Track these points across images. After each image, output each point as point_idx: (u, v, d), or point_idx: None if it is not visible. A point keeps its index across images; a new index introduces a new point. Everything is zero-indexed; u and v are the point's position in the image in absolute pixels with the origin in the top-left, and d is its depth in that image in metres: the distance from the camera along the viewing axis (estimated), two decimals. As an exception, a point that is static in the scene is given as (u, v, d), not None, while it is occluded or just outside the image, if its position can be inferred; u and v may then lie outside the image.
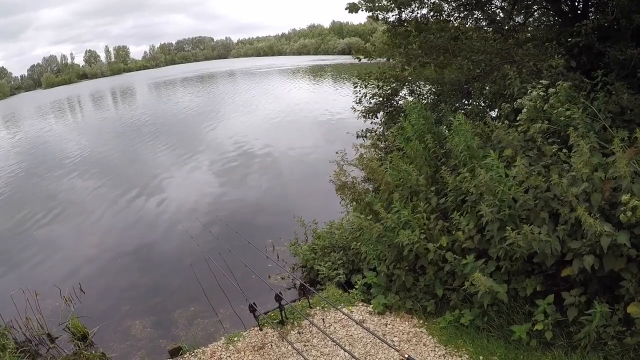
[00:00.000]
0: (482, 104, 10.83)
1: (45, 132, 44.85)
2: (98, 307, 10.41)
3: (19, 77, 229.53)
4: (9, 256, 14.12)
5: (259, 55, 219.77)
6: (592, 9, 10.99)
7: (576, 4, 11.28)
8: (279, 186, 17.96)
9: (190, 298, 10.20)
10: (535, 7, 13.01)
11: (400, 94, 13.12)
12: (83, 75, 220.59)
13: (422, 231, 6.87)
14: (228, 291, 9.82)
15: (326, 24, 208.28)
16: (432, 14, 12.92)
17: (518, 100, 7.70)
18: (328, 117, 31.66)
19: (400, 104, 12.55)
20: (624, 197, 4.98)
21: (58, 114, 65.98)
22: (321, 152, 21.42)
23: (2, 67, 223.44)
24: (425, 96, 12.27)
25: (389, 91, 12.99)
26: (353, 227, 9.33)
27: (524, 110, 7.32)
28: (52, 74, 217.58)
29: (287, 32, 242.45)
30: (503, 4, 13.31)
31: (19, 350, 8.04)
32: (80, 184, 22.09)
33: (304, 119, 32.41)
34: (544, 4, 12.46)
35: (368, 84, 13.41)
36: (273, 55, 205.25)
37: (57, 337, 9.27)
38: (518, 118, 7.51)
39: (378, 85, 13.19)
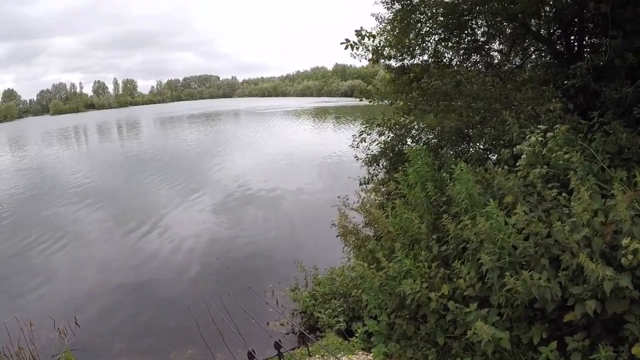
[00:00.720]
0: (482, 148, 10.86)
1: (51, 159, 45.61)
2: (92, 342, 10.28)
3: (28, 101, 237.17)
4: (5, 283, 14.08)
5: (263, 95, 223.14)
6: (587, 49, 11.19)
7: (571, 44, 11.50)
8: (280, 229, 17.87)
9: (187, 340, 10.05)
10: (531, 48, 13.31)
11: (402, 141, 13.18)
12: (90, 105, 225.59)
13: (424, 280, 6.81)
14: (226, 335, 9.65)
15: (329, 67, 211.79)
16: (432, 60, 13.14)
17: (517, 146, 7.71)
18: (330, 159, 31.95)
19: (402, 150, 12.61)
20: (625, 241, 4.96)
21: (64, 142, 67.24)
22: (323, 196, 21.54)
23: (13, 89, 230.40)
24: (426, 141, 12.32)
25: (391, 138, 13.04)
26: (354, 275, 9.26)
27: (523, 155, 7.33)
28: (60, 101, 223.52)
29: (291, 74, 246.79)
30: (501, 47, 13.56)
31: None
32: (82, 215, 22.15)
33: (306, 160, 32.65)
34: (540, 45, 12.73)
35: (371, 132, 13.48)
36: (277, 95, 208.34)
37: None
38: (517, 163, 7.51)
39: (381, 133, 13.26)
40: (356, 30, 12.39)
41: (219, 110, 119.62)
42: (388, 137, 13.10)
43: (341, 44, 12.08)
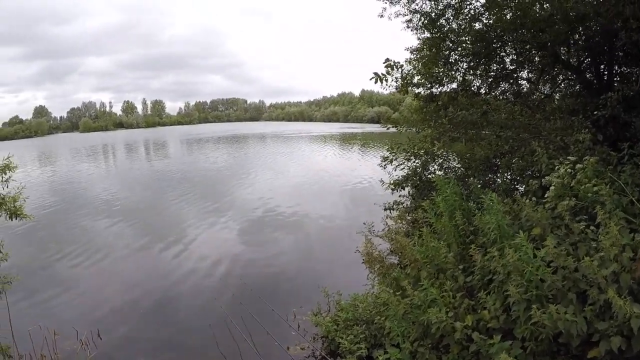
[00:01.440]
0: (509, 179, 10.79)
1: (82, 175, 47.34)
2: (114, 355, 10.53)
3: (58, 118, 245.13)
4: (32, 293, 14.33)
5: (289, 119, 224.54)
6: (617, 78, 11.11)
7: (601, 73, 11.45)
8: (304, 252, 17.90)
9: (208, 359, 10.07)
10: (560, 77, 13.24)
11: (429, 168, 13.15)
12: (119, 124, 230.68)
13: (448, 310, 6.76)
14: (246, 357, 9.70)
15: (356, 92, 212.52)
16: (461, 88, 13.15)
17: (546, 177, 7.64)
18: (355, 185, 32.04)
19: (429, 178, 12.56)
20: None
21: (94, 159, 69.72)
22: (347, 221, 21.61)
23: (44, 106, 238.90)
24: (454, 170, 12.28)
25: (418, 164, 13.03)
26: (378, 301, 9.20)
27: (552, 187, 7.26)
28: (90, 119, 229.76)
29: (318, 99, 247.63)
30: (529, 76, 13.52)
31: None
32: (110, 231, 22.74)
33: (331, 185, 32.80)
34: (569, 74, 12.66)
35: (397, 156, 13.48)
36: (303, 120, 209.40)
37: None
38: (546, 195, 7.44)
39: (407, 158, 13.26)
40: (385, 60, 12.51)
41: (245, 133, 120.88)
42: (414, 163, 13.10)
43: (370, 79, 12.27)
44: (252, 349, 9.61)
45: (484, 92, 13.61)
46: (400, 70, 12.77)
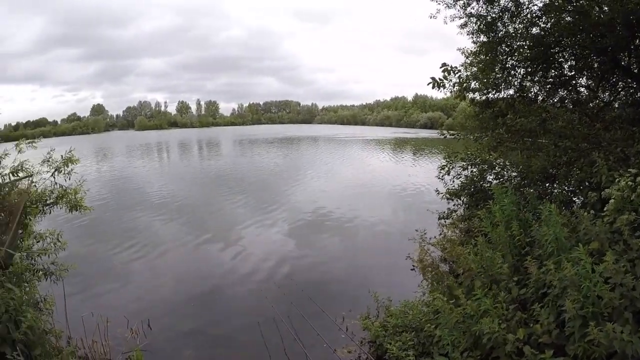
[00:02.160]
0: (567, 190, 10.56)
1: (137, 171, 49.88)
2: (162, 346, 10.84)
3: (115, 116, 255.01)
4: (87, 281, 14.91)
5: (342, 123, 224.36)
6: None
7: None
8: (354, 256, 17.89)
9: (255, 357, 10.21)
10: (620, 84, 12.79)
11: (486, 177, 12.98)
12: (173, 124, 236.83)
13: (500, 321, 6.67)
14: (292, 356, 9.80)
15: (410, 97, 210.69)
16: (518, 94, 12.91)
17: (605, 190, 7.45)
18: (406, 190, 31.76)
19: (485, 187, 12.39)
20: None
21: (149, 156, 72.85)
22: (397, 227, 21.52)
23: (102, 104, 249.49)
24: (510, 179, 12.09)
25: (475, 173, 12.88)
26: (428, 309, 9.15)
27: (611, 200, 7.08)
28: (145, 118, 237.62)
29: (370, 102, 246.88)
30: (588, 82, 13.16)
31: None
32: (162, 225, 23.75)
33: (383, 190, 32.63)
34: (629, 82, 12.24)
35: (454, 166, 13.35)
36: (356, 124, 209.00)
37: None
38: (605, 208, 7.26)
39: (464, 167, 13.12)
40: (442, 64, 12.42)
41: (298, 135, 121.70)
42: (471, 172, 12.94)
43: (428, 84, 12.31)
44: (298, 349, 9.74)
45: (541, 99, 13.32)
46: (457, 75, 12.66)
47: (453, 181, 13.67)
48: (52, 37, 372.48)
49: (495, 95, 13.27)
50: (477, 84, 13.08)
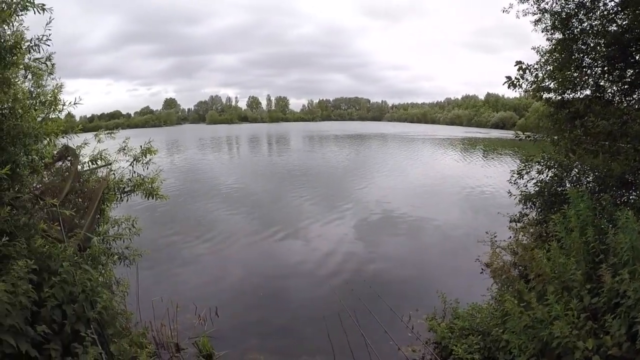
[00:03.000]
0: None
1: (207, 163, 52.21)
2: (229, 333, 11.23)
3: (186, 110, 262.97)
4: (158, 266, 15.64)
5: (412, 121, 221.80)
6: None
7: None
8: (422, 256, 17.77)
9: (318, 349, 10.39)
10: None
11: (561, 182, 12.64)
12: (244, 118, 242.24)
13: (571, 329, 6.53)
14: (357, 352, 9.88)
15: (480, 96, 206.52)
16: (594, 95, 12.47)
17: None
18: (475, 192, 31.07)
19: (561, 191, 12.08)
20: None
21: (220, 149, 75.61)
22: (466, 228, 21.18)
23: (174, 98, 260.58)
24: (586, 184, 11.73)
25: (549, 177, 12.56)
26: (497, 313, 9.05)
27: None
28: (216, 112, 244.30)
29: (441, 101, 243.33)
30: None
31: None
32: (231, 216, 24.60)
33: (451, 190, 32.04)
34: None
35: (529, 170, 13.08)
36: (426, 122, 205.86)
37: (183, 349, 10.30)
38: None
39: (540, 171, 12.82)
40: (517, 62, 12.19)
41: (367, 132, 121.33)
42: (547, 176, 12.63)
43: (503, 84, 12.15)
44: (362, 344, 9.85)
45: (618, 99, 12.81)
46: (533, 74, 12.39)
47: (526, 185, 13.36)
48: (127, 34, 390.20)
49: (571, 96, 12.88)
50: (552, 83, 12.74)
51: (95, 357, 6.11)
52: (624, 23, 11.30)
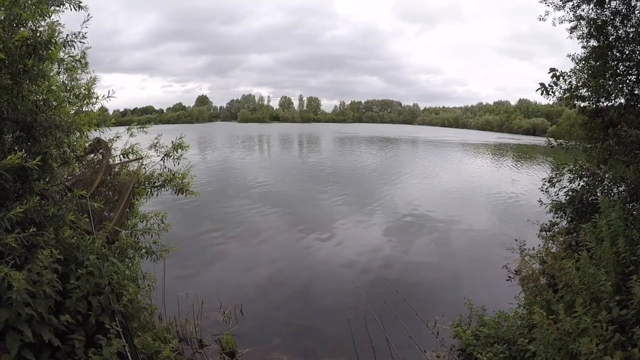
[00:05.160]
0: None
1: (237, 160, 53.14)
2: (252, 331, 11.31)
3: (218, 107, 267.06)
4: (184, 262, 15.80)
5: (443, 125, 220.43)
6: None
7: None
8: (449, 261, 17.60)
9: (342, 352, 10.33)
10: None
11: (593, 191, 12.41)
12: (275, 117, 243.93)
13: (599, 342, 6.40)
14: (380, 356, 9.86)
15: (512, 101, 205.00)
16: (629, 103, 12.25)
17: None
18: (504, 198, 30.62)
19: (592, 200, 11.86)
20: None
21: (251, 148, 76.15)
22: (494, 235, 20.93)
23: (206, 96, 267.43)
24: (618, 194, 11.50)
25: (581, 187, 12.35)
26: (523, 323, 8.92)
27: None
28: (248, 111, 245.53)
29: (473, 105, 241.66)
30: None
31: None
32: (260, 214, 24.77)
33: (480, 196, 31.74)
34: None
35: (561, 178, 12.88)
36: (457, 127, 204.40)
37: (206, 345, 10.41)
38: None
39: (571, 180, 12.62)
40: (550, 69, 12.03)
41: (398, 136, 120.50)
42: (578, 185, 12.43)
43: (537, 90, 12.01)
44: (385, 347, 9.82)
45: None
46: (567, 81, 12.22)
47: (557, 193, 13.16)
48: (164, 31, 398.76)
49: (605, 104, 12.67)
50: (586, 91, 12.56)
51: (118, 350, 6.16)
52: None
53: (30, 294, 5.60)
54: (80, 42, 7.48)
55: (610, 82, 12.08)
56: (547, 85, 11.98)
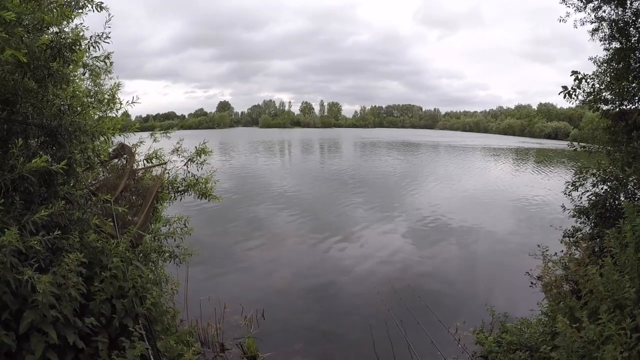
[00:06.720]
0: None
1: (259, 165, 53.57)
2: (274, 336, 11.37)
3: (239, 113, 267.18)
4: (206, 265, 15.87)
5: (464, 129, 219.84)
6: None
7: None
8: (471, 267, 17.46)
9: (363, 358, 10.37)
10: None
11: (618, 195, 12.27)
12: (296, 123, 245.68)
13: (622, 350, 6.33)
14: (400, 361, 9.85)
15: (534, 105, 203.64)
16: None
17: None
18: (527, 203, 30.29)
19: (616, 205, 11.73)
20: None
21: (270, 153, 76.85)
22: (517, 241, 20.70)
23: (228, 101, 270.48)
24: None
25: (604, 191, 12.22)
26: (546, 330, 8.84)
27: None
28: (269, 116, 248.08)
29: (494, 109, 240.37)
30: None
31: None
32: (282, 219, 24.97)
33: (502, 201, 31.49)
34: None
35: (584, 182, 12.76)
36: (478, 131, 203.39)
37: (228, 349, 10.52)
38: None
39: (594, 184, 12.50)
40: (572, 72, 11.95)
41: (419, 140, 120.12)
42: (602, 189, 12.30)
43: (559, 93, 11.99)
44: (407, 354, 9.77)
45: None
46: (590, 84, 12.11)
47: (580, 197, 13.03)
48: (187, 38, 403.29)
49: (629, 107, 12.53)
50: (609, 94, 12.43)
51: (142, 352, 6.23)
52: None
53: (56, 297, 5.68)
54: (105, 41, 7.55)
55: (634, 85, 11.96)
56: (569, 89, 11.90)
